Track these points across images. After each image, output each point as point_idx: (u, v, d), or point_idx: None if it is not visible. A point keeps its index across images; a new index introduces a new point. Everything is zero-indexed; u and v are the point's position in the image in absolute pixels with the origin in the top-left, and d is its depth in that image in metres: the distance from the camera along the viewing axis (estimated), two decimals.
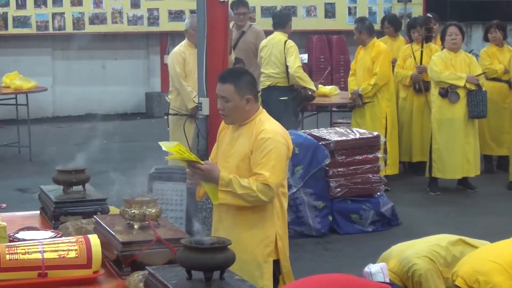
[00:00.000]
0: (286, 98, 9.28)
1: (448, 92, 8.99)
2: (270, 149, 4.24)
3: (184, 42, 8.44)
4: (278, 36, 9.45)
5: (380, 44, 9.58)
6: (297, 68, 9.20)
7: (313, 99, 9.56)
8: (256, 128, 4.31)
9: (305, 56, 13.85)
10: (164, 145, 4.17)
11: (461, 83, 8.94)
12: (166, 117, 8.51)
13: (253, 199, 4.21)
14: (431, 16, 10.31)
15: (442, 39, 9.29)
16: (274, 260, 4.42)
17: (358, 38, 9.52)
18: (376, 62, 9.33)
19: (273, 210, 4.37)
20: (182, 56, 8.30)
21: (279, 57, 9.32)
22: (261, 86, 9.36)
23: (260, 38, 9.82)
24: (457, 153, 9.05)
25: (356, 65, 9.60)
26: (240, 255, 3.28)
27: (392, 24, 10.79)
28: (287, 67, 9.25)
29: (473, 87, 9.00)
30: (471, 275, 3.84)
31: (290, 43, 9.36)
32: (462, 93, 8.99)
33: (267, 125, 4.32)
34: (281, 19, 9.62)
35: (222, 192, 4.21)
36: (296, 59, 9.26)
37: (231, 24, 9.18)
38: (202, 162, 4.20)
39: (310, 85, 9.36)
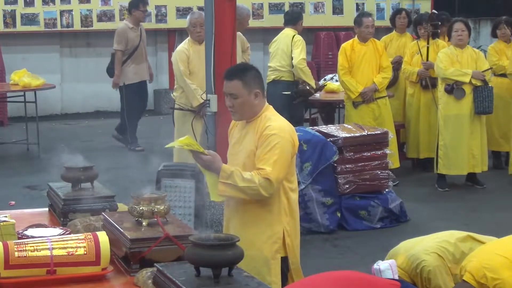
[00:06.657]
0: (289, 92, 9.31)
1: (453, 88, 8.97)
2: (274, 145, 4.22)
3: (188, 39, 8.45)
4: (287, 32, 9.57)
5: (377, 40, 9.64)
6: (301, 60, 9.26)
7: (310, 94, 9.59)
8: (262, 125, 4.30)
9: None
10: (175, 144, 4.18)
11: (466, 79, 8.91)
12: (172, 112, 8.51)
13: (253, 193, 4.20)
14: (436, 12, 10.28)
15: (449, 35, 9.27)
16: (282, 257, 4.42)
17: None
18: (383, 56, 9.36)
19: (280, 206, 4.35)
20: (186, 54, 8.30)
21: (286, 50, 9.40)
22: (266, 80, 9.40)
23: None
24: (463, 149, 9.01)
25: (351, 62, 9.31)
26: (247, 251, 3.28)
27: (408, 16, 10.74)
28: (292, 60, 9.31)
29: (479, 83, 8.96)
30: (479, 270, 3.83)
31: (298, 37, 9.47)
32: (468, 89, 8.95)
33: (273, 121, 4.31)
34: (292, 17, 9.73)
35: (222, 184, 4.20)
36: (302, 52, 9.33)
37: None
38: (206, 152, 4.21)
39: (310, 80, 9.42)
